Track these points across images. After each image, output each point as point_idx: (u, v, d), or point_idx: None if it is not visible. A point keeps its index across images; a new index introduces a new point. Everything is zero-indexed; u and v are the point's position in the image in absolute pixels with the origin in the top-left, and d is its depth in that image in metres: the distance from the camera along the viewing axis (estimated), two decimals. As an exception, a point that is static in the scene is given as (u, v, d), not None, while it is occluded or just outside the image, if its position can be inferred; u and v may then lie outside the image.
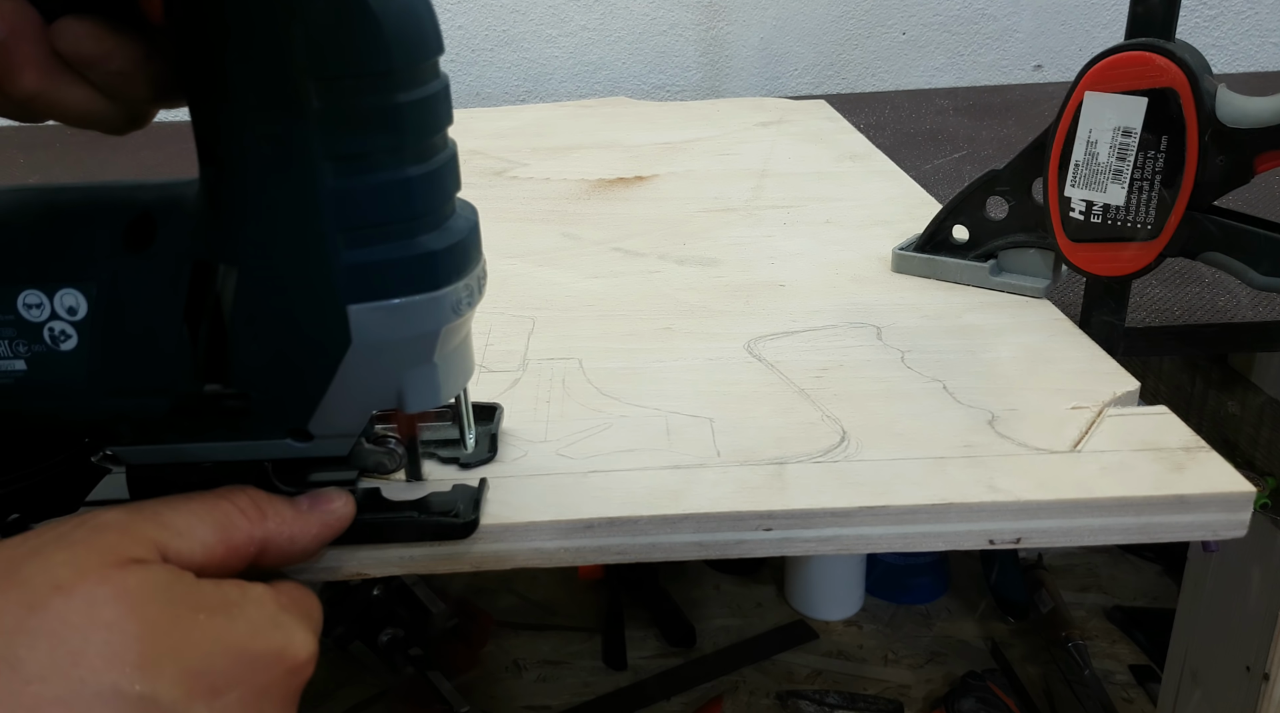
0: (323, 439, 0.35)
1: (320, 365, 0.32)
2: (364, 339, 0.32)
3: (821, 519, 0.38)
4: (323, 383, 0.33)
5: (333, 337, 0.32)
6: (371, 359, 0.32)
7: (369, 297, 0.31)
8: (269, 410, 0.34)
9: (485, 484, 0.40)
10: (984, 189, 0.58)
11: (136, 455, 0.36)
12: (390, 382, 0.33)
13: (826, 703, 1.16)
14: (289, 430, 0.34)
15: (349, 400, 0.33)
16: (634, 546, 0.38)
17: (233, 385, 0.33)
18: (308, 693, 1.03)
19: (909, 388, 0.47)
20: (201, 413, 0.34)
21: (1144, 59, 0.49)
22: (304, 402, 0.33)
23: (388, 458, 0.39)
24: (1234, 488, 0.38)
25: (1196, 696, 0.88)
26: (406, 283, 0.31)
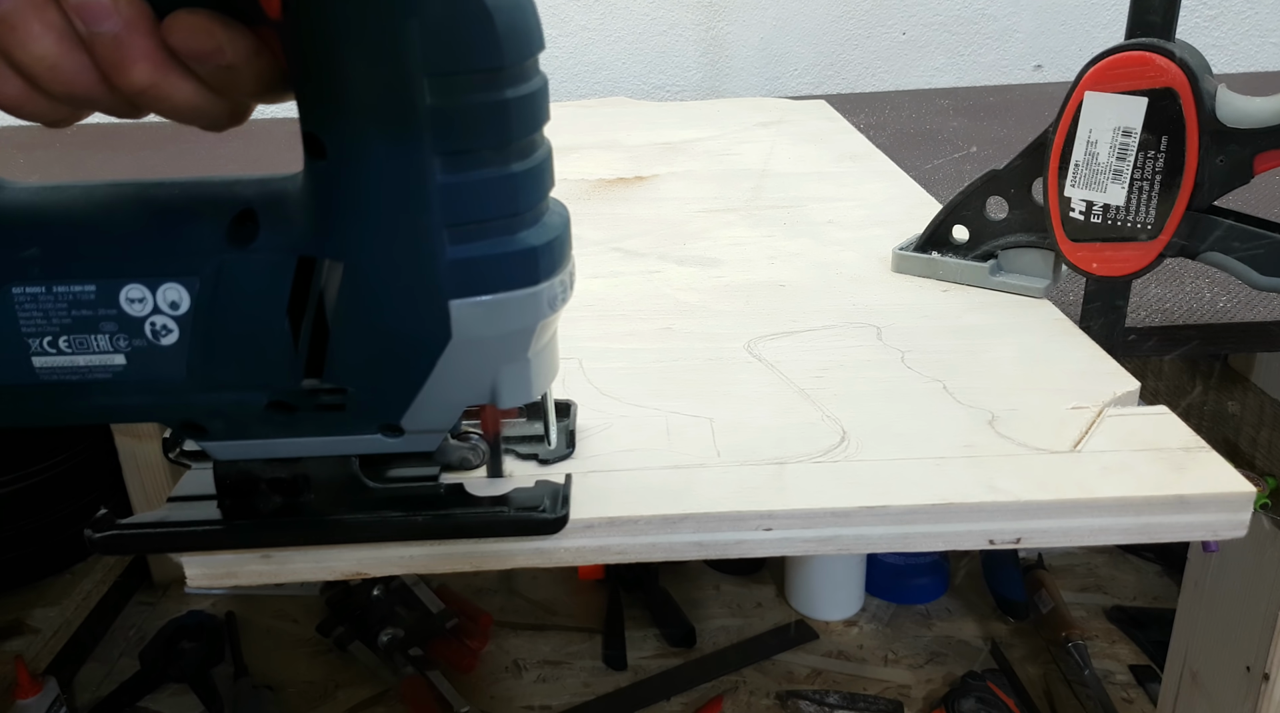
0: (413, 434, 0.35)
1: (419, 361, 0.32)
2: (464, 334, 0.32)
3: (821, 519, 0.38)
4: (420, 378, 0.33)
5: (433, 332, 0.32)
6: (469, 355, 0.32)
7: (471, 292, 0.31)
8: (364, 406, 0.34)
9: (570, 480, 0.39)
10: (984, 189, 0.58)
11: (225, 451, 0.36)
12: (485, 377, 0.34)
13: (826, 703, 1.16)
14: (381, 426, 0.34)
15: (444, 396, 0.34)
16: (634, 546, 0.38)
17: (331, 381, 0.33)
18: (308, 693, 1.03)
19: (909, 388, 0.47)
20: (297, 408, 0.34)
21: (1144, 59, 0.49)
22: (400, 397, 0.33)
23: (472, 454, 0.39)
24: (1234, 488, 0.38)
25: (1196, 696, 0.88)
26: (507, 278, 0.32)
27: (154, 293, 0.32)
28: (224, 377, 0.33)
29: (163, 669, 1.22)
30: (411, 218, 0.30)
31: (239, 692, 1.19)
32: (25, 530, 1.25)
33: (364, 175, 0.30)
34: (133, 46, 0.28)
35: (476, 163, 0.30)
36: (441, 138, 0.29)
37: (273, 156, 1.16)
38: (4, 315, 0.32)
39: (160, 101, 0.29)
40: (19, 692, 1.09)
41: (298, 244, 0.31)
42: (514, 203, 0.31)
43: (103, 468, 1.33)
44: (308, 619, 1.32)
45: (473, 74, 0.29)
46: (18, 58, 0.27)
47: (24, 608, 1.23)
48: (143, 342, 0.32)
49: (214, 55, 0.28)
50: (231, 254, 0.32)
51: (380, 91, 0.28)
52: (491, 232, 0.31)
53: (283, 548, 0.37)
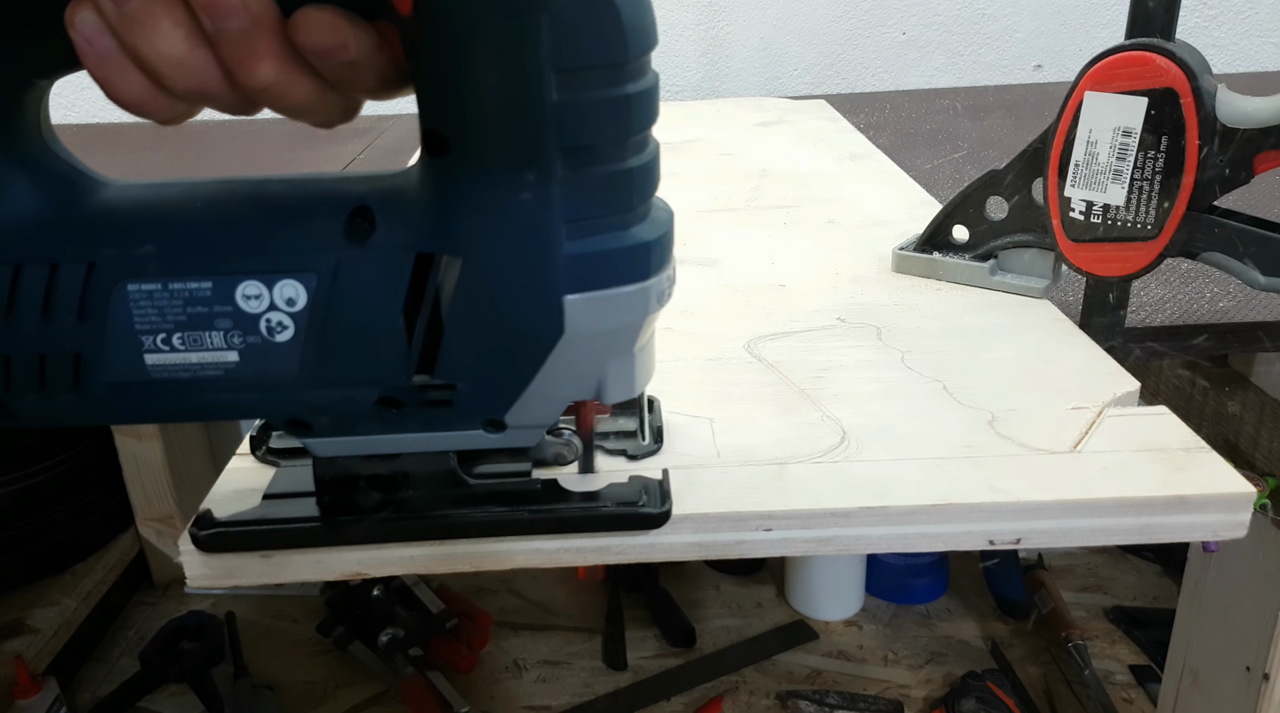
0: (515, 430, 0.35)
1: (530, 356, 0.33)
2: (576, 329, 0.32)
3: (821, 520, 0.38)
4: (529, 374, 0.33)
5: (546, 327, 0.32)
6: (579, 350, 0.32)
7: (585, 287, 0.31)
8: (471, 402, 0.34)
9: (667, 475, 0.39)
10: (984, 189, 0.58)
11: (327, 448, 0.36)
12: (592, 373, 0.34)
13: (826, 703, 1.16)
14: (485, 421, 0.35)
15: (550, 392, 0.34)
16: (634, 546, 0.38)
17: (441, 377, 0.33)
18: (308, 693, 1.03)
19: (909, 388, 0.47)
20: (404, 404, 0.34)
21: (1144, 59, 0.49)
22: (507, 393, 0.34)
23: (566, 449, 0.39)
24: (1234, 488, 0.38)
25: (1196, 696, 0.88)
26: (620, 273, 0.32)
27: (271, 290, 0.32)
28: (336, 373, 0.33)
29: (163, 669, 1.22)
30: (532, 214, 0.30)
31: (239, 692, 1.18)
32: (25, 531, 1.25)
33: (487, 171, 0.30)
34: (259, 44, 0.27)
35: (596, 158, 0.30)
36: (565, 133, 0.29)
37: (273, 156, 1.16)
38: (119, 312, 0.32)
39: (281, 98, 0.29)
40: (19, 692, 1.09)
41: (415, 241, 0.32)
42: (629, 199, 0.31)
43: (103, 468, 1.33)
44: (308, 619, 1.32)
45: (598, 69, 0.29)
46: (145, 55, 0.27)
47: (24, 608, 1.23)
48: (257, 338, 0.32)
49: (338, 52, 0.28)
50: (349, 251, 0.32)
51: (508, 87, 0.28)
52: (607, 227, 0.31)
53: (383, 545, 0.37)
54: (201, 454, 1.44)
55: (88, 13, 0.27)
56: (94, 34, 0.27)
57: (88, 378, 0.33)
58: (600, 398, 0.35)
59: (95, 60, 0.28)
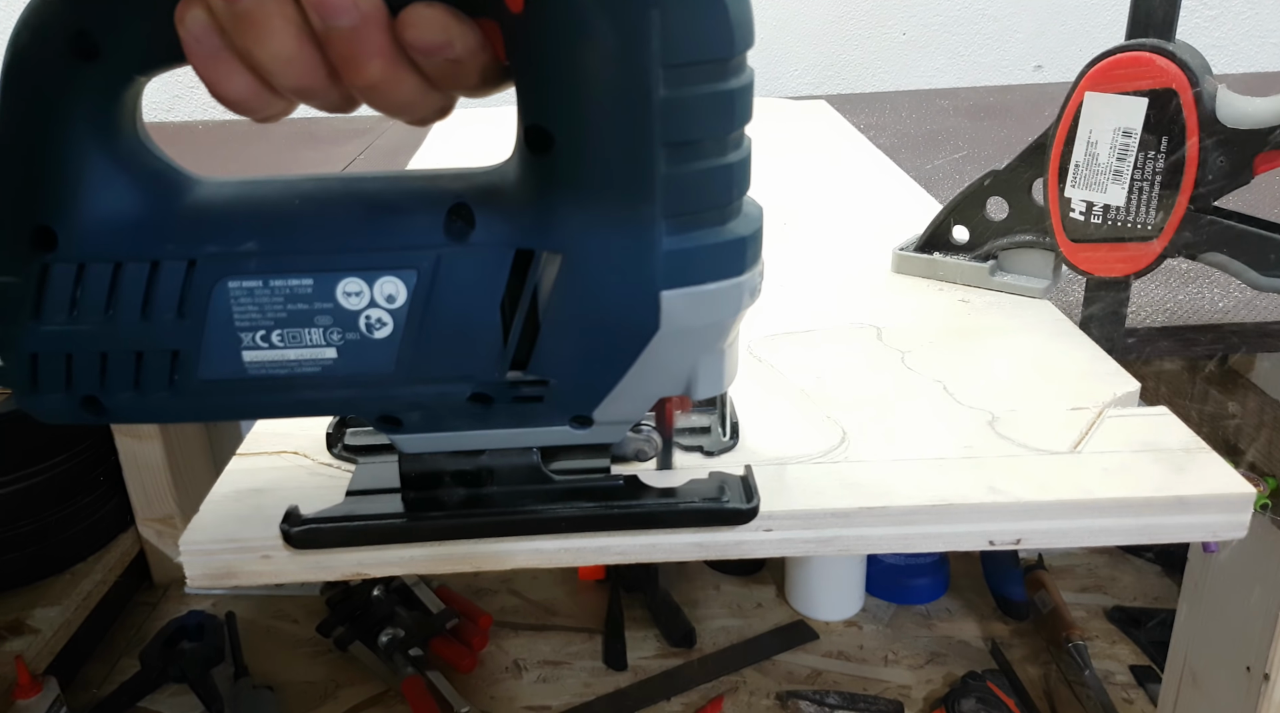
0: (602, 426, 0.35)
1: (624, 352, 0.33)
2: (671, 325, 0.32)
3: (822, 520, 0.38)
4: (621, 370, 0.33)
5: (642, 323, 0.32)
6: (672, 346, 0.33)
7: (682, 282, 0.31)
8: (562, 398, 0.34)
9: (751, 471, 0.39)
10: (984, 189, 0.58)
11: (414, 444, 0.36)
12: (683, 369, 0.34)
13: (826, 703, 1.16)
14: (572, 417, 0.35)
15: (641, 388, 0.34)
16: (634, 546, 0.38)
17: (535, 373, 0.33)
18: (308, 693, 1.03)
19: (909, 389, 0.47)
20: (495, 400, 0.34)
21: (1144, 60, 0.49)
22: (598, 389, 0.34)
23: (647, 445, 0.39)
24: (1234, 489, 0.38)
25: (1196, 696, 0.88)
26: (717, 269, 0.32)
27: (371, 287, 0.32)
28: (431, 370, 0.33)
29: (163, 670, 1.22)
30: (634, 209, 0.30)
31: (239, 692, 1.18)
32: (25, 531, 1.25)
33: (591, 167, 0.30)
34: (368, 41, 0.27)
35: (698, 154, 0.30)
36: (670, 129, 0.29)
37: (273, 157, 1.16)
38: (219, 309, 0.32)
39: (384, 96, 0.29)
40: (19, 692, 1.09)
41: (515, 237, 0.32)
42: (728, 194, 0.31)
43: (103, 468, 1.33)
44: (308, 619, 1.32)
45: (705, 65, 0.29)
46: (255, 53, 0.27)
47: (24, 608, 1.23)
48: (356, 335, 0.32)
49: (444, 49, 0.28)
50: (450, 248, 0.32)
51: (617, 83, 0.28)
52: (705, 223, 0.31)
53: (467, 540, 0.37)
54: (201, 454, 1.44)
55: (198, 10, 0.27)
56: (203, 32, 0.27)
57: (184, 375, 0.33)
58: (690, 394, 0.35)
59: (202, 58, 0.28)
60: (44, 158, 0.30)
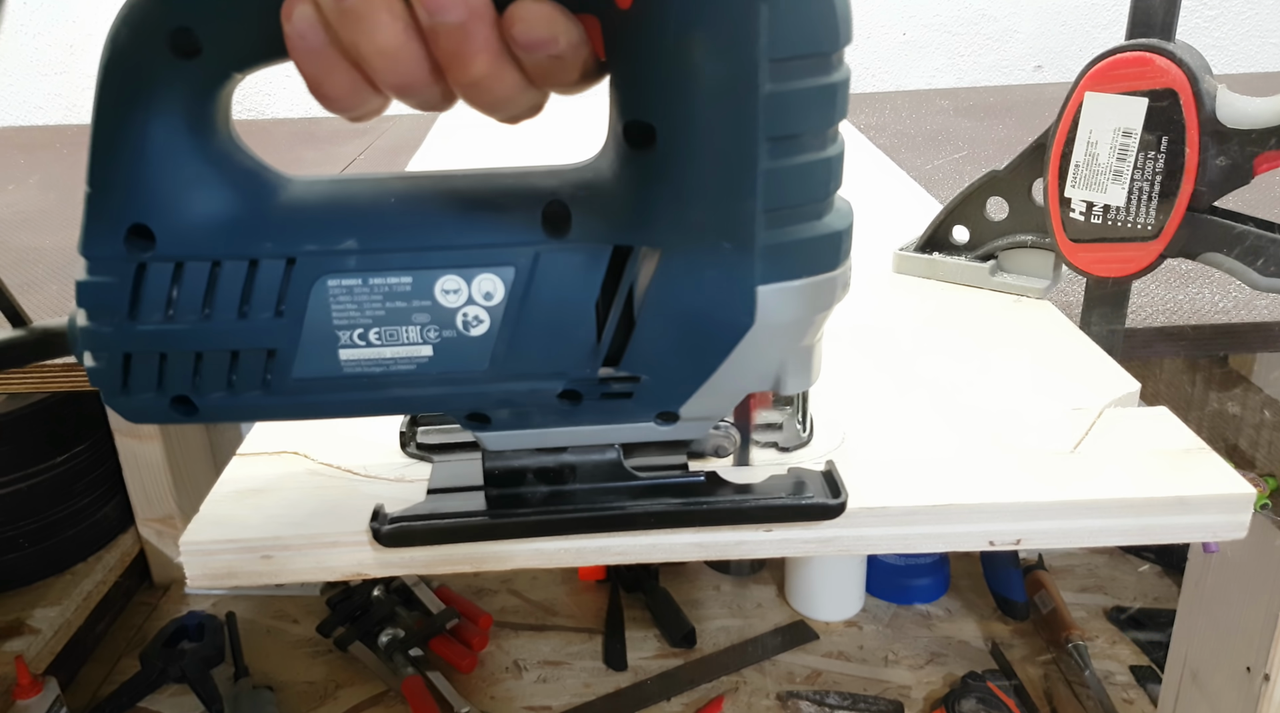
0: (687, 422, 0.35)
1: (717, 348, 0.33)
2: (765, 320, 0.32)
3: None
4: (713, 365, 0.33)
5: (738, 318, 0.32)
6: (765, 341, 0.32)
7: (779, 277, 0.31)
8: (651, 394, 0.34)
9: (834, 466, 0.39)
10: (984, 190, 0.58)
11: (499, 441, 0.36)
12: (773, 364, 0.34)
13: (826, 703, 1.16)
14: (659, 414, 0.35)
15: (730, 383, 0.34)
16: (634, 546, 0.38)
17: (626, 369, 0.33)
18: (308, 693, 1.03)
19: (909, 389, 0.47)
20: (586, 397, 0.34)
21: (1144, 60, 0.49)
22: (688, 385, 0.34)
23: (727, 441, 0.39)
24: (1234, 489, 0.38)
25: (1196, 696, 0.88)
26: (813, 263, 0.32)
27: (470, 284, 0.32)
28: (524, 367, 0.33)
29: (163, 670, 1.22)
30: (734, 204, 0.30)
31: (239, 692, 1.18)
32: (25, 531, 1.25)
33: (694, 162, 0.30)
34: (475, 37, 0.27)
35: (799, 148, 0.30)
36: (773, 123, 0.29)
37: (273, 156, 1.16)
38: (317, 308, 0.32)
39: (485, 93, 0.28)
40: (19, 692, 1.09)
41: (613, 233, 0.31)
42: (826, 187, 0.31)
43: (103, 468, 1.33)
44: (308, 620, 1.32)
45: (808, 59, 0.29)
46: (361, 48, 0.27)
47: (24, 608, 1.23)
48: (452, 332, 0.32)
49: (549, 45, 0.28)
50: (548, 244, 0.32)
51: (723, 77, 0.28)
52: (803, 217, 0.31)
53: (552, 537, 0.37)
54: (201, 454, 1.44)
55: (306, 6, 0.27)
56: (309, 27, 0.27)
57: (278, 374, 0.33)
58: (779, 389, 0.35)
59: (306, 54, 0.28)
60: (142, 155, 0.30)
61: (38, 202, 1.03)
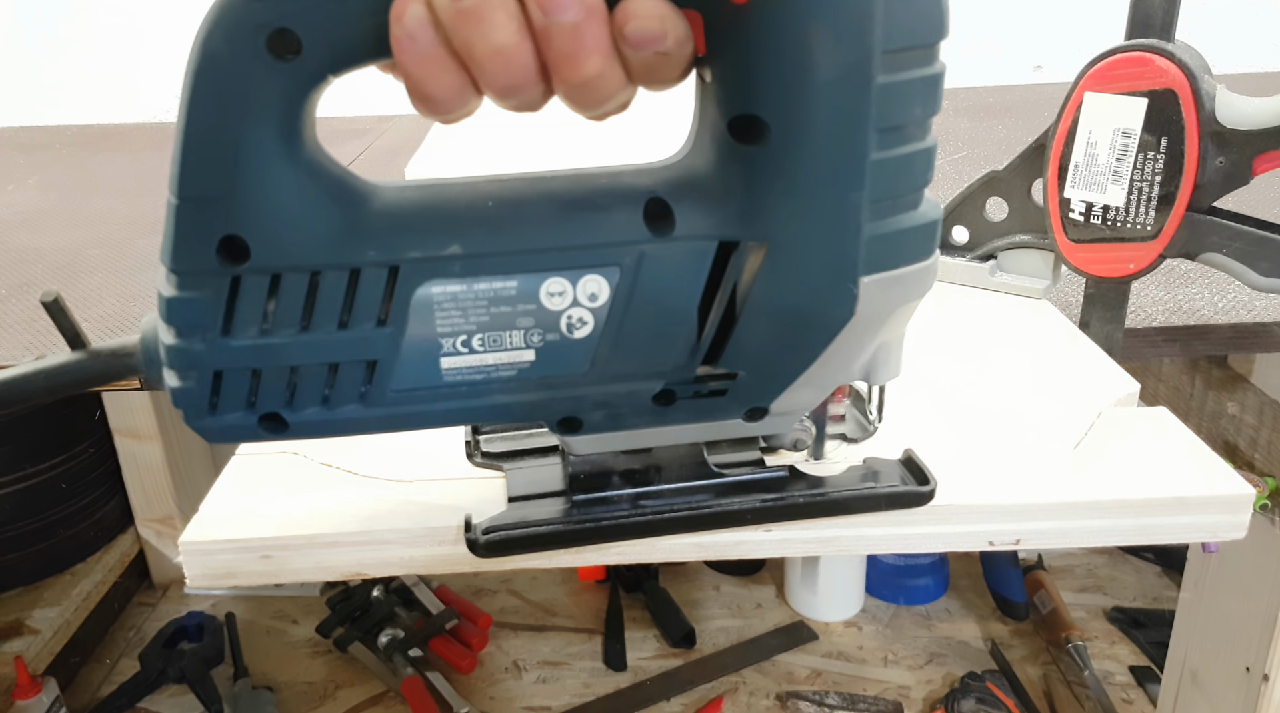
0: (775, 417, 0.35)
1: (816, 341, 0.32)
2: (865, 310, 0.32)
3: (821, 520, 0.38)
4: (810, 359, 0.33)
5: (840, 310, 0.32)
6: (862, 332, 0.32)
7: (881, 267, 0.31)
8: (745, 390, 0.34)
9: (915, 454, 0.39)
10: (983, 190, 0.58)
11: (585, 445, 0.35)
12: (864, 355, 0.34)
13: (826, 704, 1.16)
14: (749, 410, 0.34)
15: (824, 376, 0.34)
16: (634, 547, 0.38)
17: (725, 366, 0.33)
18: (308, 694, 1.03)
19: (909, 389, 0.47)
20: (681, 396, 0.34)
21: (1144, 60, 0.49)
22: (783, 379, 0.33)
23: (805, 434, 0.39)
24: (1233, 490, 0.38)
25: (1196, 696, 0.88)
26: (911, 252, 0.32)
27: (575, 286, 0.31)
28: (624, 368, 0.33)
29: (163, 670, 1.22)
30: (843, 195, 0.30)
31: (239, 692, 1.18)
32: (25, 531, 1.25)
33: (807, 155, 0.29)
34: (590, 36, 0.27)
35: (904, 138, 0.30)
36: (884, 114, 0.29)
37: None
38: (421, 316, 0.31)
39: (592, 93, 0.28)
40: (19, 692, 1.09)
41: (718, 228, 0.31)
42: (924, 177, 0.31)
43: (103, 468, 1.33)
44: (308, 620, 1.32)
45: (918, 49, 0.29)
46: (476, 49, 0.27)
47: (24, 608, 1.23)
48: (556, 336, 0.32)
49: (659, 42, 0.27)
50: (653, 243, 0.31)
51: (840, 70, 0.28)
52: (903, 206, 0.31)
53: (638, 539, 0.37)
54: (201, 454, 1.44)
55: (418, 6, 0.26)
56: (420, 28, 0.27)
57: (377, 386, 0.32)
58: (870, 380, 0.35)
59: (415, 55, 0.27)
60: (235, 164, 0.29)
61: (37, 202, 1.03)
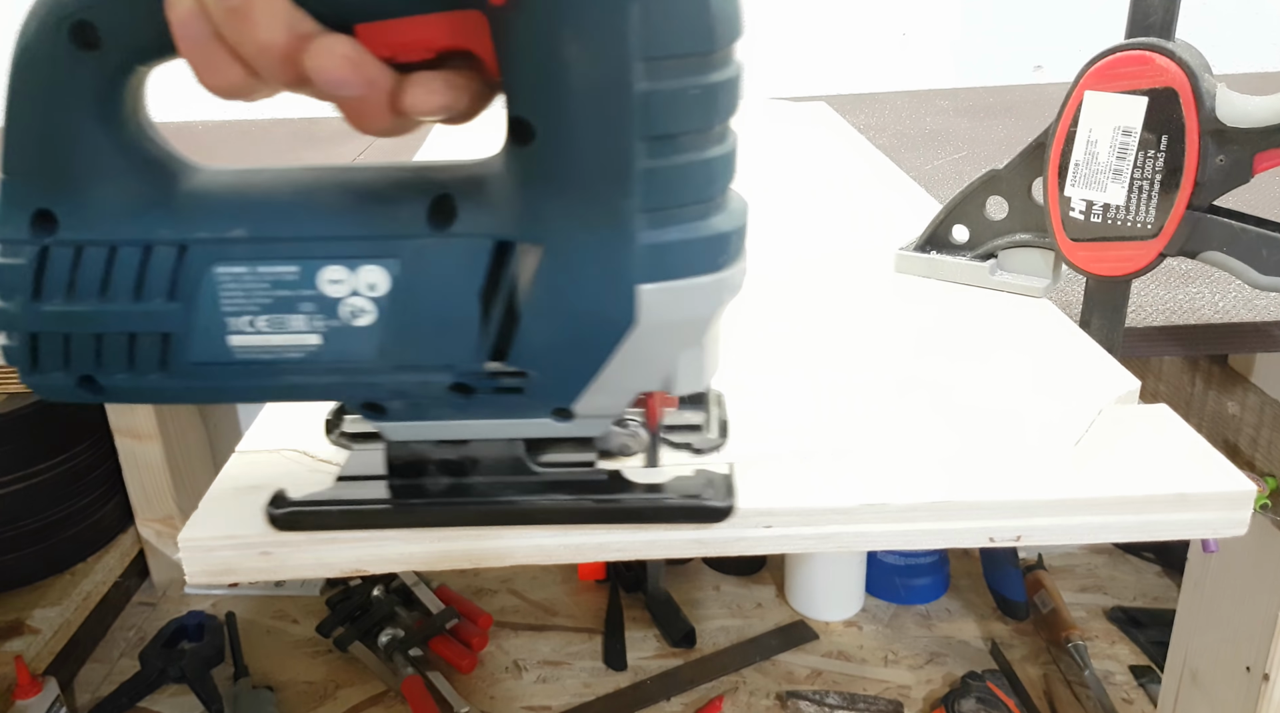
0: (583, 419, 0.35)
1: (601, 345, 0.33)
2: (649, 319, 0.32)
3: (821, 517, 0.38)
4: (599, 363, 0.33)
5: (619, 316, 0.32)
6: (650, 340, 0.33)
7: (661, 276, 0.32)
8: (541, 389, 0.34)
9: (733, 469, 0.39)
10: (984, 189, 0.58)
11: (399, 431, 0.36)
12: (662, 364, 0.34)
13: (826, 703, 1.16)
14: (553, 410, 0.35)
15: (620, 381, 0.34)
16: (634, 542, 0.38)
17: (514, 364, 0.34)
18: (308, 693, 1.03)
19: (909, 387, 0.47)
20: (476, 391, 0.34)
21: (1144, 59, 0.49)
22: (577, 381, 0.34)
23: (632, 440, 0.39)
24: (1234, 486, 0.38)
25: (1196, 696, 0.88)
26: (696, 263, 0.32)
27: (354, 274, 0.32)
28: (412, 358, 0.34)
29: (162, 670, 1.22)
30: (613, 202, 0.30)
31: (239, 692, 1.19)
32: (25, 530, 1.25)
33: (571, 159, 0.30)
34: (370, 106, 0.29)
35: (678, 148, 0.30)
36: (649, 122, 0.29)
37: (273, 157, 1.16)
38: (207, 294, 0.33)
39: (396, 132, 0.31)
40: (19, 692, 1.09)
41: (496, 228, 0.32)
42: (709, 188, 0.31)
43: (103, 468, 1.33)
44: (308, 620, 1.32)
45: (685, 58, 0.29)
46: (244, 46, 0.28)
47: (24, 608, 1.23)
48: (338, 322, 0.33)
49: (443, 111, 0.30)
50: (431, 238, 0.32)
51: (596, 76, 0.28)
52: (685, 217, 0.31)
53: (451, 528, 0.37)
54: (201, 454, 1.44)
55: None
56: (191, 19, 0.28)
57: (175, 357, 0.34)
58: (669, 389, 0.35)
59: (191, 46, 0.29)
60: (48, 144, 0.31)
61: None
